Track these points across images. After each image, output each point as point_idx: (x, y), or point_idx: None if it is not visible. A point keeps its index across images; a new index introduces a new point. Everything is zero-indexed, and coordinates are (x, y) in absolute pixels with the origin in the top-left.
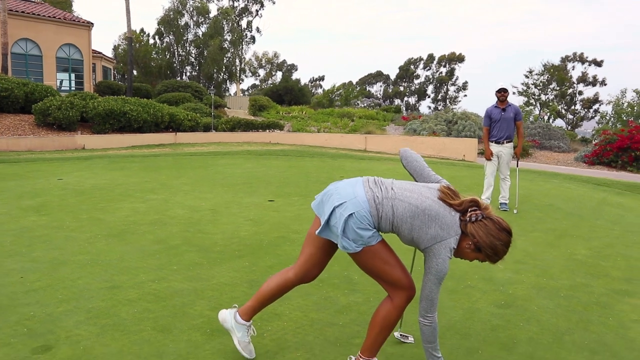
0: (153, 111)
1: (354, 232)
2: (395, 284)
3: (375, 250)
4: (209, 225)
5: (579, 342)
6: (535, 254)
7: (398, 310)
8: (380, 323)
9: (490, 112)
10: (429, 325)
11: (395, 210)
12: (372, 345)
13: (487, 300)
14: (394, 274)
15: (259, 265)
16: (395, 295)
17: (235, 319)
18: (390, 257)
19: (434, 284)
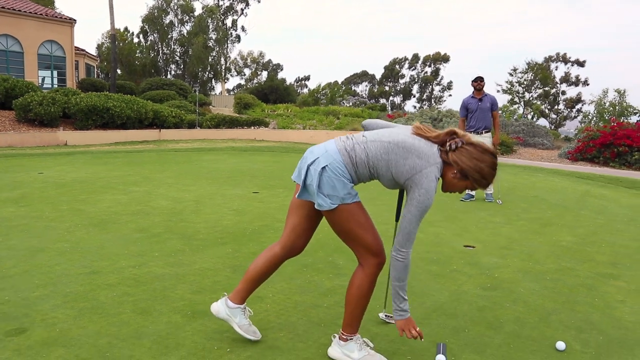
0: (137, 107)
1: (328, 185)
2: (368, 249)
3: (350, 210)
4: (191, 215)
5: (566, 322)
6: (521, 241)
7: (370, 278)
8: (355, 295)
9: (467, 102)
10: (401, 261)
11: (368, 151)
12: (351, 320)
13: (473, 283)
14: (367, 237)
15: (242, 251)
16: (367, 262)
17: (227, 305)
18: (366, 221)
19: (414, 215)
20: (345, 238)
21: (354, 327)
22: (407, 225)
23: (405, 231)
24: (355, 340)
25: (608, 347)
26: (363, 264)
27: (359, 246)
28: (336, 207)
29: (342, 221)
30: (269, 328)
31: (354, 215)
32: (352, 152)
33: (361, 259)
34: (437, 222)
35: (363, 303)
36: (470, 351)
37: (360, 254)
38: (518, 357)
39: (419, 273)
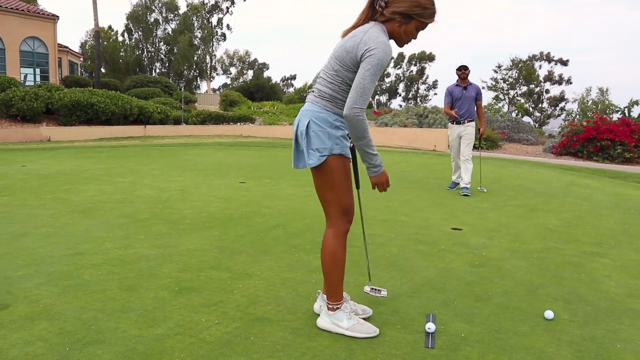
0: (121, 103)
1: (316, 139)
2: (342, 206)
3: (338, 162)
4: (178, 202)
5: (554, 294)
6: (508, 224)
7: (342, 240)
8: (330, 261)
9: (452, 90)
10: (359, 118)
11: (326, 79)
12: (333, 287)
13: (461, 261)
14: (345, 195)
15: (230, 234)
16: (338, 221)
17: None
18: (347, 179)
19: (367, 70)
20: (325, 194)
21: (339, 294)
22: (361, 81)
23: (359, 86)
24: (343, 309)
25: (596, 316)
26: (334, 223)
27: (335, 203)
28: (325, 159)
29: (328, 172)
30: (257, 302)
31: (341, 168)
32: (319, 93)
33: (333, 218)
34: (425, 208)
35: (340, 268)
36: (460, 321)
37: (333, 212)
38: (507, 325)
39: (407, 252)
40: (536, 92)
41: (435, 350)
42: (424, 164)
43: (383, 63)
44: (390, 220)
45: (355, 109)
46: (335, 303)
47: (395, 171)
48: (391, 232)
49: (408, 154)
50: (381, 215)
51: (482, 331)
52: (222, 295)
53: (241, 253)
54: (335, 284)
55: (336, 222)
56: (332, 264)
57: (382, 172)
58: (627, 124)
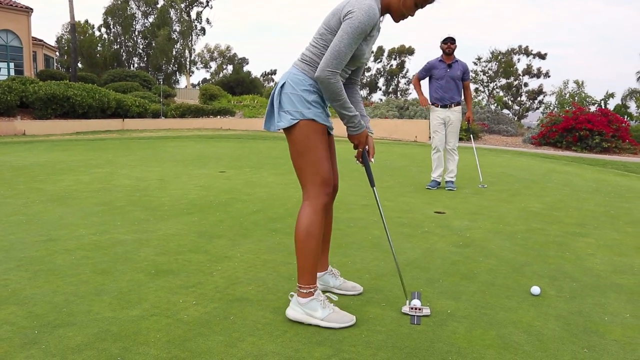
0: (99, 96)
1: (288, 101)
2: (319, 175)
3: (312, 128)
4: (156, 191)
5: (539, 272)
6: (490, 207)
7: (319, 214)
8: (305, 237)
9: (432, 65)
10: (333, 81)
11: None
12: (306, 267)
13: (446, 242)
14: (322, 164)
15: (209, 219)
16: (315, 192)
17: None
18: (323, 148)
19: (345, 32)
20: (298, 162)
21: (312, 276)
22: (337, 44)
23: (334, 49)
24: (317, 297)
25: (582, 292)
26: (310, 195)
27: (309, 173)
28: (296, 122)
29: (300, 137)
30: (237, 283)
31: (314, 134)
32: (302, 56)
33: (308, 190)
34: (407, 194)
35: (314, 245)
36: (446, 298)
37: (307, 182)
38: (493, 302)
39: (391, 234)
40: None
41: (421, 327)
42: (405, 153)
43: (364, 27)
44: (372, 205)
45: (326, 71)
46: (308, 286)
47: (376, 160)
48: (373, 216)
49: (389, 144)
50: (363, 200)
51: (468, 307)
52: (201, 277)
53: (220, 237)
54: (309, 263)
55: (312, 193)
56: (307, 238)
57: (362, 132)
58: (605, 114)
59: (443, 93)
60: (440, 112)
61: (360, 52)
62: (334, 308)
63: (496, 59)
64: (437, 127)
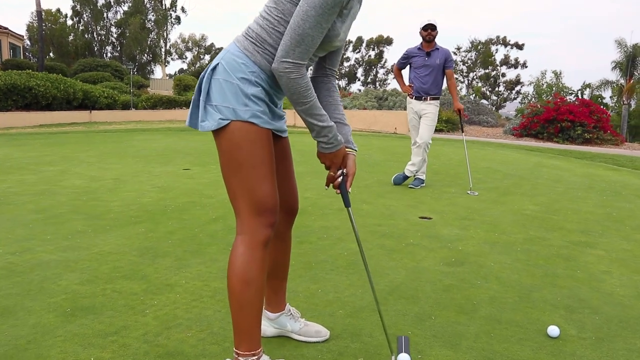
0: (64, 87)
1: (218, 91)
2: (254, 202)
3: (247, 133)
4: (107, 193)
5: (551, 300)
6: (481, 210)
7: (256, 253)
8: (239, 286)
9: (410, 53)
10: (287, 73)
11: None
12: (242, 327)
13: (435, 259)
14: (259, 184)
15: (158, 230)
16: (249, 223)
17: (268, 317)
18: (266, 163)
19: (311, 6)
20: (229, 179)
21: (253, 339)
22: (300, 23)
23: (297, 30)
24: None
25: (608, 330)
26: (245, 227)
27: (244, 196)
28: (227, 125)
29: (231, 147)
30: (173, 326)
31: (252, 144)
32: (247, 30)
33: (243, 218)
34: (387, 194)
35: (254, 296)
36: (441, 345)
37: (242, 209)
38: (503, 349)
39: (370, 248)
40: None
41: None
42: (384, 147)
43: (331, 4)
44: None
45: (285, 62)
46: (249, 353)
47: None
48: (350, 224)
49: (368, 136)
50: (338, 203)
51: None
52: (129, 318)
53: (166, 255)
54: (248, 321)
55: (247, 225)
56: (243, 287)
57: (338, 150)
58: (587, 104)
59: (420, 84)
60: (414, 104)
61: (334, 32)
62: None
63: (476, 48)
64: (412, 121)
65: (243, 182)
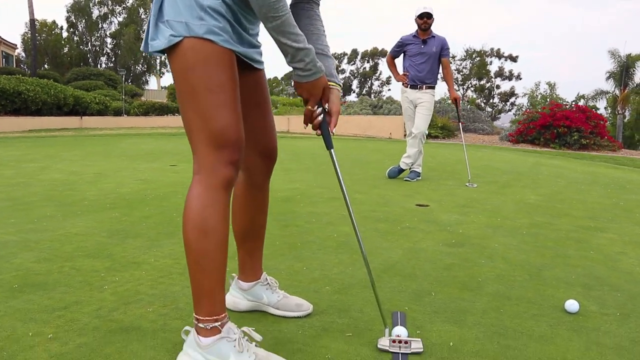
0: (54, 92)
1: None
2: (214, 135)
3: (202, 50)
4: (85, 185)
5: (564, 278)
6: (481, 200)
7: (215, 195)
8: (195, 234)
9: (405, 40)
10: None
11: None
12: (200, 287)
13: (433, 240)
14: (220, 114)
15: (133, 215)
16: (207, 160)
17: (241, 287)
18: (228, 89)
19: None
20: (184, 108)
21: (215, 302)
22: None
23: None
24: (227, 335)
25: (633, 306)
26: (202, 165)
27: (200, 128)
28: (179, 43)
29: (184, 68)
30: (132, 302)
31: (207, 64)
32: None
33: (201, 155)
34: (382, 186)
35: (214, 248)
36: (444, 320)
37: (199, 144)
38: (514, 325)
39: (363, 231)
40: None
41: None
42: (379, 149)
43: None
44: (340, 199)
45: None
46: (210, 318)
47: (348, 155)
48: (342, 210)
49: (362, 140)
50: (329, 193)
51: (479, 336)
52: (83, 294)
53: (138, 236)
54: (207, 282)
55: (205, 162)
56: (199, 236)
57: (318, 79)
58: (583, 110)
59: (415, 72)
60: (409, 93)
61: None
62: (258, 352)
63: (471, 57)
64: (407, 110)
65: (198, 109)
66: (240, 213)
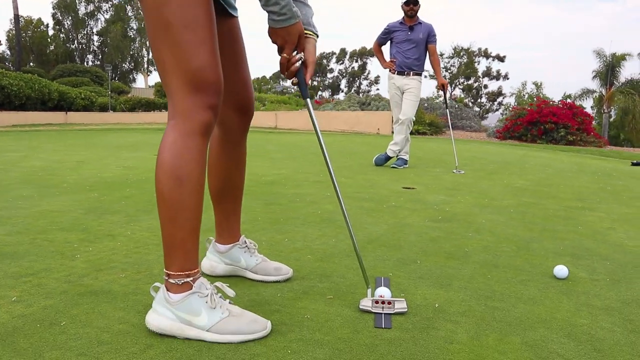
0: (39, 87)
1: None
2: (190, 74)
3: None
4: (66, 171)
5: (553, 249)
6: (468, 184)
7: (193, 143)
8: (168, 179)
9: (392, 27)
10: None
11: None
12: (172, 239)
13: (419, 217)
14: (196, 51)
15: (112, 195)
16: (183, 103)
17: (219, 250)
18: (203, 26)
19: None
20: (157, 47)
21: (188, 256)
22: None
23: None
24: (198, 290)
25: (623, 273)
26: (178, 109)
27: (175, 68)
28: None
29: (157, 4)
30: (105, 269)
31: None
32: None
33: (176, 98)
34: (369, 172)
35: (188, 198)
36: (429, 285)
37: (174, 88)
38: (503, 289)
39: (348, 209)
40: (475, 87)
41: (392, 332)
42: (366, 142)
43: None
44: (326, 182)
45: None
46: (180, 273)
47: (335, 147)
48: (327, 191)
49: (350, 135)
50: (314, 177)
51: (466, 298)
52: (54, 262)
53: (117, 213)
54: (180, 235)
55: (181, 105)
56: (174, 184)
57: (293, 25)
58: (570, 107)
59: (403, 59)
60: (396, 80)
61: None
62: (231, 309)
63: (458, 55)
64: (394, 97)
65: (173, 48)
66: (215, 171)
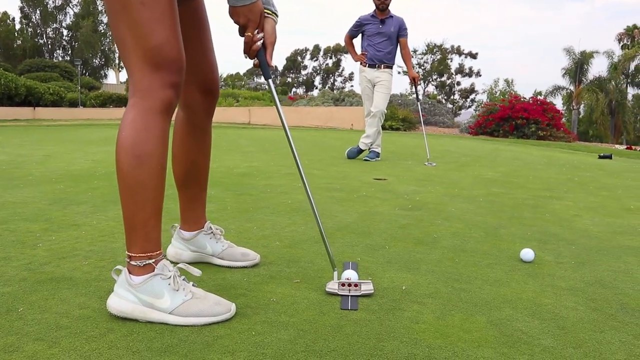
0: (4, 82)
1: None
2: (150, 51)
3: None
4: (33, 164)
5: (521, 235)
6: (439, 175)
7: (154, 121)
8: (129, 158)
9: (363, 20)
10: None
11: None
12: (133, 221)
13: (390, 205)
14: (156, 29)
15: (79, 187)
16: (145, 82)
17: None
18: (164, 4)
19: None
20: (116, 28)
21: (150, 237)
22: None
23: None
24: (161, 272)
25: (588, 256)
26: (138, 87)
27: (135, 45)
28: None
29: None
30: (68, 256)
31: None
32: None
33: (136, 77)
34: (341, 165)
35: (149, 178)
36: (397, 269)
37: (133, 65)
38: (470, 272)
39: (318, 199)
40: (448, 84)
41: (359, 313)
42: (340, 137)
43: None
44: (298, 174)
45: None
46: (141, 255)
47: (307, 141)
48: (298, 182)
49: (324, 130)
50: (286, 170)
51: (433, 281)
52: (14, 251)
53: (83, 203)
54: (141, 215)
55: (140, 83)
56: (135, 164)
57: (253, 4)
58: (541, 103)
59: (374, 52)
60: (367, 72)
61: None
62: (195, 291)
63: (432, 51)
64: (365, 89)
65: (131, 25)
66: (180, 154)
